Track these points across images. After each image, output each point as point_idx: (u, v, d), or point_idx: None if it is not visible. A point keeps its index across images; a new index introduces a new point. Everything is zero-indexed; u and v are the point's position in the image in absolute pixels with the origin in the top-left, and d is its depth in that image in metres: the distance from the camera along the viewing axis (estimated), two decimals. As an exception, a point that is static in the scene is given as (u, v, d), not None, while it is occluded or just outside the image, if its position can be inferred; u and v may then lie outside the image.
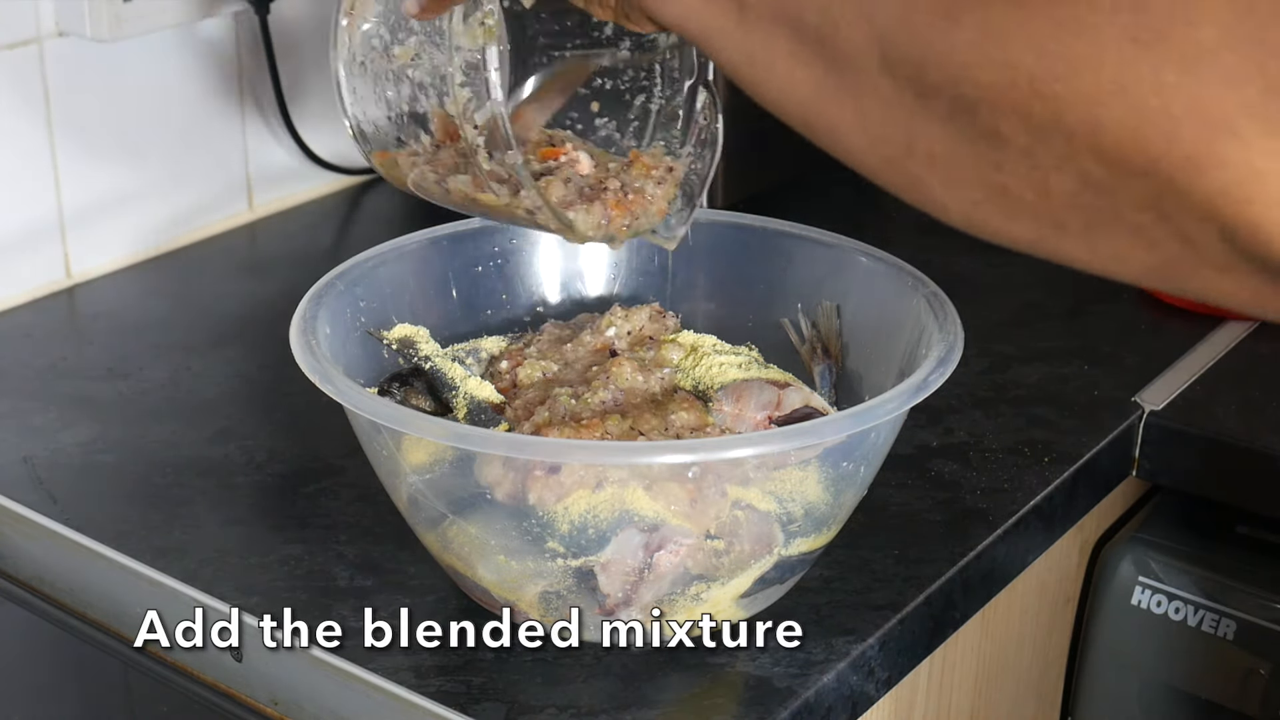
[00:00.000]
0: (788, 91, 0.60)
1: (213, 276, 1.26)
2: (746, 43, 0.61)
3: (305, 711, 0.81)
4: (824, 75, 0.58)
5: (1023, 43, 0.50)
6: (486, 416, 0.84)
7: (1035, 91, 0.50)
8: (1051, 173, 0.50)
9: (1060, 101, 0.49)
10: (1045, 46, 0.49)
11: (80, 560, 0.89)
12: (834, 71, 0.57)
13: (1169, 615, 1.06)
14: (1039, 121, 0.50)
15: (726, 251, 0.96)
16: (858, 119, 0.57)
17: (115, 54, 1.21)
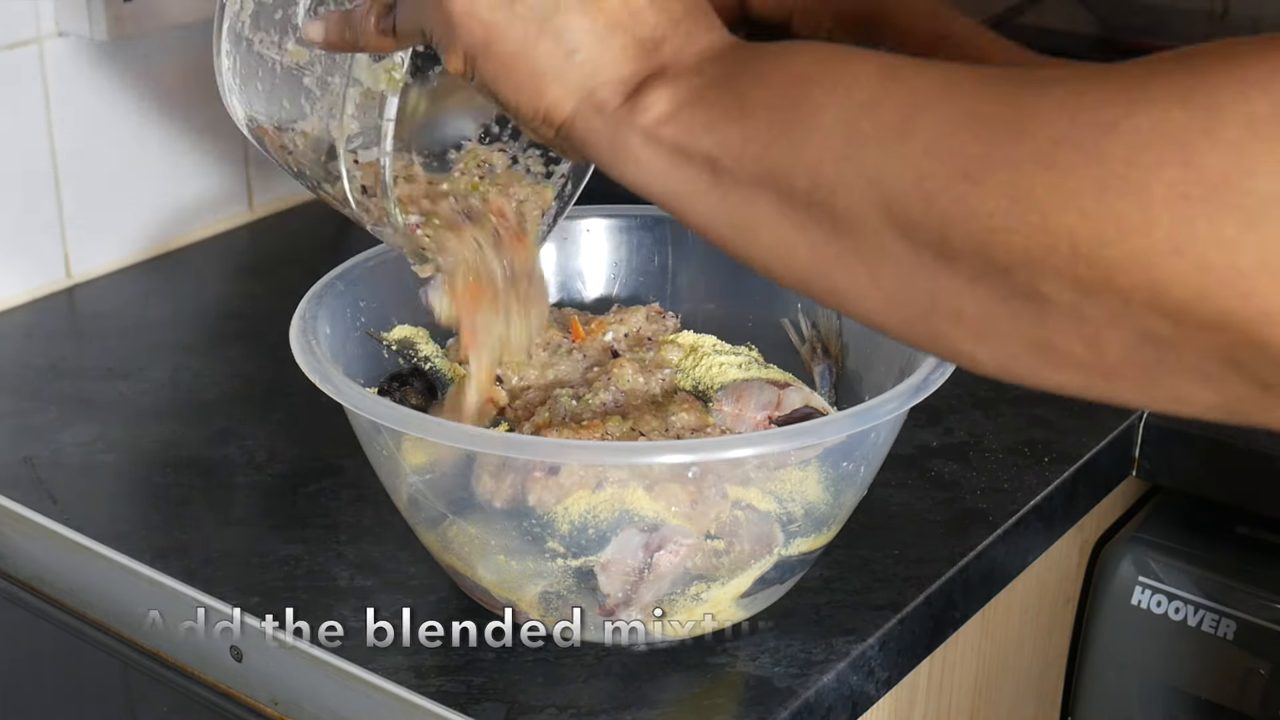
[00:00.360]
0: (779, 255, 0.55)
1: (213, 276, 1.26)
2: (724, 208, 0.56)
3: (305, 711, 0.81)
4: (823, 240, 0.53)
5: (1059, 205, 0.46)
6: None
7: (1079, 254, 0.46)
8: (1105, 329, 0.47)
9: (1110, 264, 0.46)
10: (1086, 208, 0.46)
11: (80, 560, 0.89)
12: (835, 236, 0.53)
13: (1169, 615, 1.06)
14: (1087, 283, 0.47)
15: (727, 251, 0.96)
16: (869, 281, 0.53)
17: (115, 54, 1.21)
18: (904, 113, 0.51)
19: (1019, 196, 0.47)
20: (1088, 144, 0.46)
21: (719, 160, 0.55)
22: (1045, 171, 0.47)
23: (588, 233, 0.96)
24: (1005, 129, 0.48)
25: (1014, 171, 0.47)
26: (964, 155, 0.48)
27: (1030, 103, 0.48)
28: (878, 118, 0.51)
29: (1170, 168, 0.44)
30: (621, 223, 0.97)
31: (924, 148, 0.50)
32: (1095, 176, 0.46)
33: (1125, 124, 0.45)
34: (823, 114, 0.53)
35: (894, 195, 0.50)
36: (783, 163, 0.54)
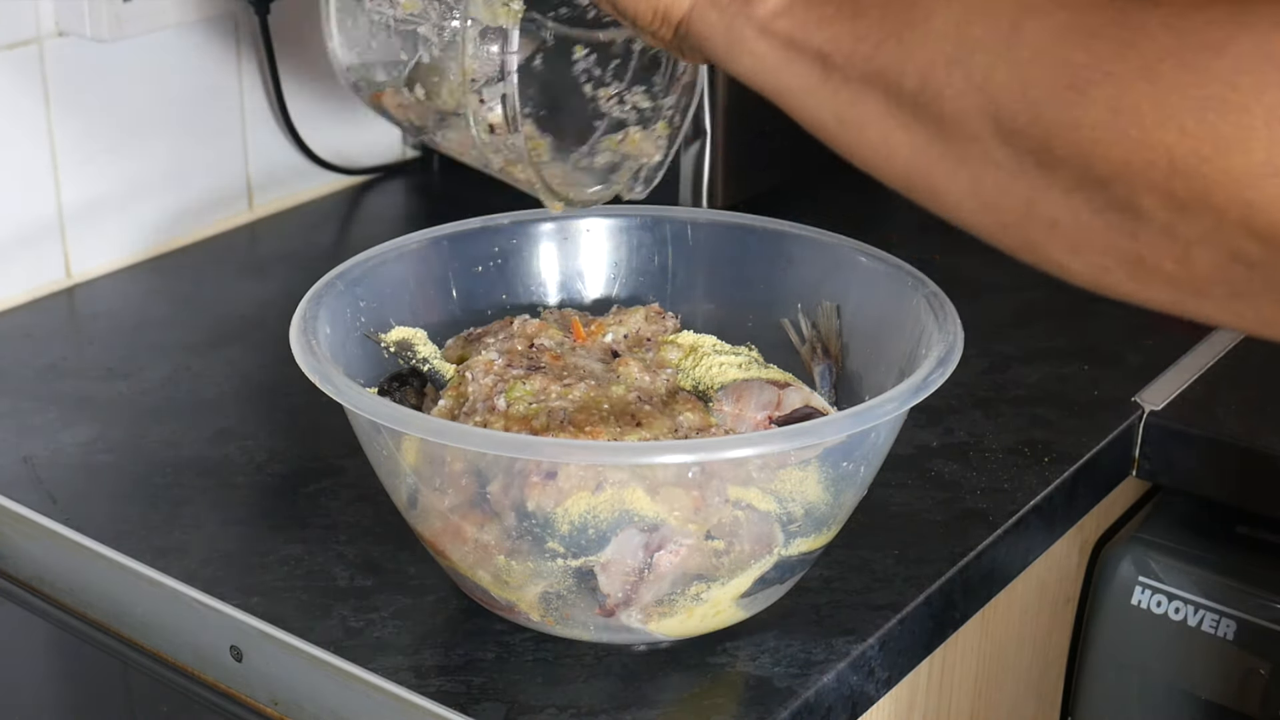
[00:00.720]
0: (883, 153, 0.57)
1: (213, 276, 1.26)
2: (833, 103, 0.58)
3: (305, 711, 0.81)
4: (927, 141, 0.55)
5: (1160, 120, 0.47)
6: None
7: (1177, 170, 0.47)
8: (1195, 246, 0.48)
9: (1208, 181, 0.47)
10: (1186, 125, 0.47)
11: (80, 560, 0.89)
12: (939, 138, 0.54)
13: (1169, 615, 1.06)
14: (1183, 199, 0.48)
15: (726, 251, 0.96)
16: (969, 185, 0.54)
17: (115, 54, 1.21)
18: (1014, 18, 0.51)
19: (1122, 109, 0.48)
20: (1192, 62, 0.47)
21: (830, 56, 0.57)
22: (1149, 86, 0.48)
23: (588, 233, 0.96)
24: (1112, 42, 0.49)
25: (1118, 85, 0.48)
26: (1070, 65, 0.49)
27: (1138, 17, 0.48)
28: (988, 22, 0.52)
29: (1271, 91, 0.45)
30: (621, 223, 0.97)
31: (1031, 55, 0.51)
32: (1197, 95, 0.47)
33: (1230, 46, 0.46)
34: (934, 17, 0.54)
35: (1000, 101, 0.51)
36: (893, 63, 0.55)
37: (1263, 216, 0.46)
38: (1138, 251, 0.50)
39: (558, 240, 0.96)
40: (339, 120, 1.43)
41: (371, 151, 1.46)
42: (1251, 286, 0.48)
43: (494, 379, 0.82)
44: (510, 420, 0.79)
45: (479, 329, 0.91)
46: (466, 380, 0.82)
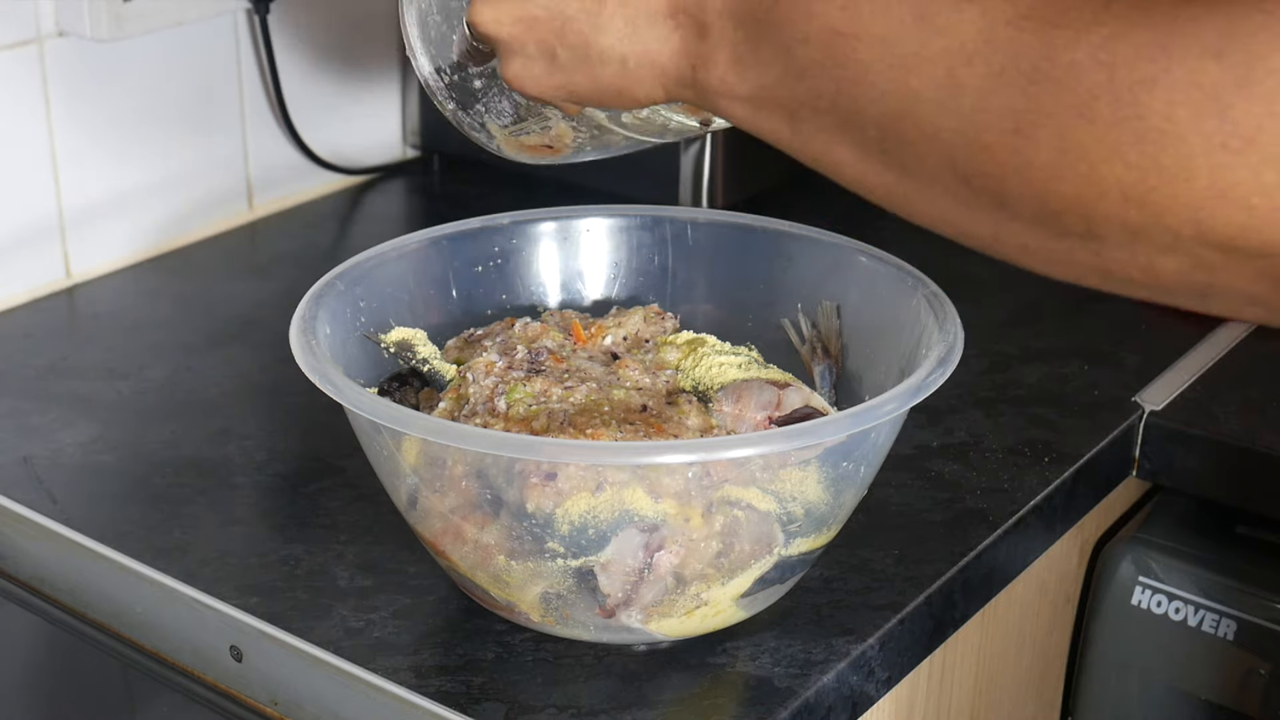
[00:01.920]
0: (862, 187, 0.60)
1: (213, 276, 1.26)
2: (809, 149, 0.60)
3: (305, 711, 0.81)
4: (896, 180, 0.57)
5: (1105, 156, 0.49)
6: None
7: (1128, 199, 0.49)
8: (1157, 259, 0.50)
9: (1158, 207, 0.49)
10: (1129, 159, 0.48)
11: (80, 560, 0.89)
12: (907, 177, 0.57)
13: (1169, 615, 1.06)
14: (1137, 224, 0.50)
15: (726, 251, 0.96)
16: (941, 215, 0.57)
17: (115, 54, 1.21)
18: (948, 66, 0.53)
19: (1066, 149, 0.50)
20: (1125, 99, 0.48)
21: (794, 113, 0.59)
22: (1088, 125, 0.49)
23: (588, 233, 0.96)
24: (1047, 83, 0.50)
25: (1059, 125, 0.50)
26: (1011, 110, 0.51)
27: (1067, 55, 0.50)
28: (923, 73, 0.54)
29: (1207, 120, 0.47)
30: (621, 223, 0.97)
31: (974, 103, 0.52)
32: (1135, 130, 0.48)
33: (1162, 79, 0.47)
34: (871, 72, 0.55)
35: (953, 148, 0.53)
36: (850, 116, 0.57)
37: (1216, 233, 0.48)
38: (1105, 266, 0.52)
39: (558, 240, 0.96)
40: (339, 120, 1.43)
41: (371, 151, 1.46)
42: (1216, 287, 0.50)
43: (495, 380, 0.82)
44: (510, 422, 0.79)
45: (479, 330, 0.91)
46: (467, 381, 0.82)
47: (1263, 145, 0.46)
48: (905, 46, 0.54)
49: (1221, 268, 0.49)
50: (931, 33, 0.53)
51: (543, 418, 0.79)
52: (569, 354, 0.86)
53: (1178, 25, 0.48)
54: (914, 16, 0.54)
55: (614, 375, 0.84)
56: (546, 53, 0.67)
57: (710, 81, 0.62)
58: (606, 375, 0.84)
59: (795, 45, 0.58)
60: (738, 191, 1.32)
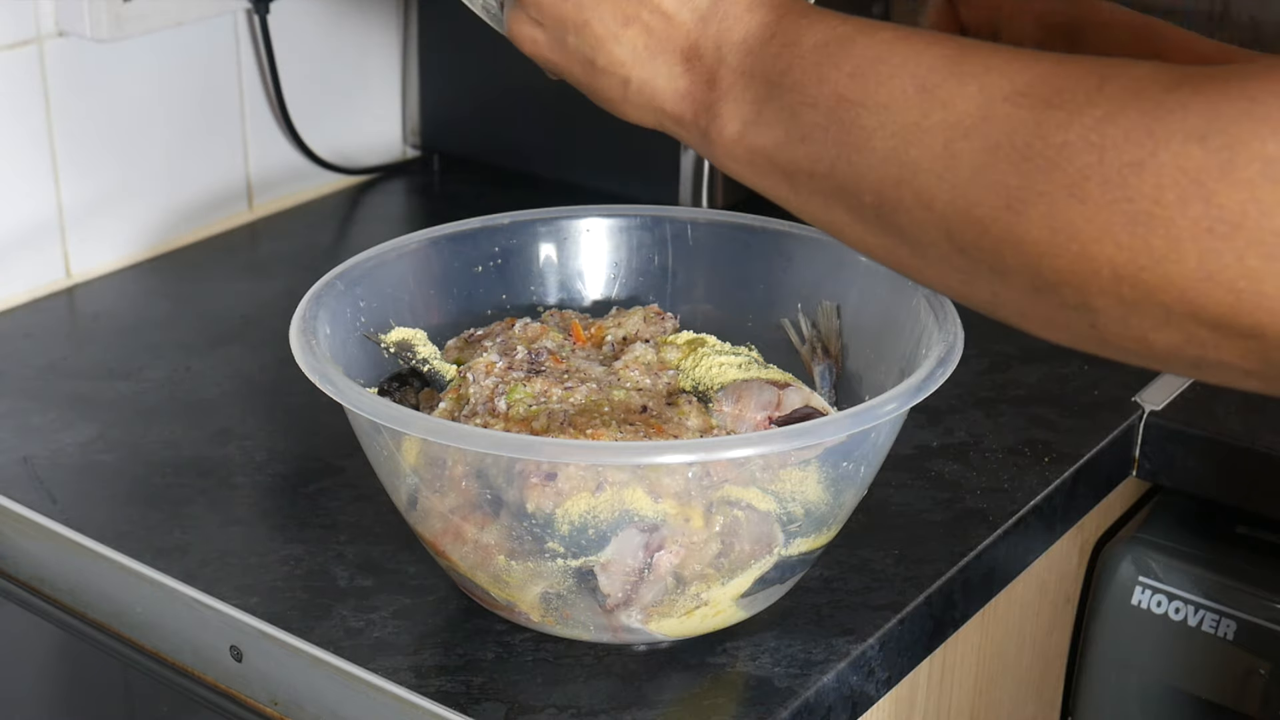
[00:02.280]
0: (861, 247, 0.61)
1: (213, 276, 1.26)
2: (808, 209, 0.61)
3: (305, 711, 0.81)
4: (894, 245, 0.58)
5: (1096, 236, 0.50)
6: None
7: (1121, 277, 0.50)
8: (1151, 332, 0.51)
9: (1150, 286, 0.50)
10: (1120, 239, 0.49)
11: (80, 560, 0.89)
12: (904, 243, 0.58)
13: (1169, 615, 1.06)
14: (1131, 301, 0.51)
15: (726, 251, 0.96)
16: (939, 279, 0.58)
17: (115, 54, 1.21)
18: (946, 139, 0.54)
19: (1058, 227, 0.51)
20: (1115, 180, 0.49)
21: (794, 175, 0.60)
22: (1079, 205, 0.50)
23: (588, 233, 0.96)
24: (1039, 162, 0.51)
25: (1051, 205, 0.51)
26: (1004, 186, 0.52)
27: (1059, 136, 0.51)
28: (922, 144, 0.55)
29: (1193, 205, 0.48)
30: (621, 223, 0.97)
31: (969, 176, 0.53)
32: (1125, 212, 0.49)
33: (1149, 162, 0.48)
34: (873, 139, 0.57)
35: (949, 219, 0.55)
36: (848, 182, 0.58)
37: (1206, 313, 0.49)
38: (1101, 336, 0.53)
39: (558, 240, 0.96)
40: (339, 120, 1.43)
41: (371, 151, 1.46)
42: (1209, 360, 0.51)
43: (495, 380, 0.82)
44: (511, 422, 0.79)
45: (479, 330, 0.91)
46: (467, 381, 0.82)
47: (1247, 230, 0.47)
48: (907, 116, 0.55)
49: (1213, 345, 0.50)
50: (933, 104, 0.55)
51: (543, 418, 0.79)
52: (569, 354, 0.86)
53: (1164, 109, 0.49)
54: (916, 88, 0.56)
55: (614, 376, 0.84)
56: (558, 32, 0.68)
57: (710, 132, 0.63)
58: (606, 376, 0.84)
59: (802, 109, 0.59)
60: (738, 191, 1.32)
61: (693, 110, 0.64)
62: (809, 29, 0.60)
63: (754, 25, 0.62)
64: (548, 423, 0.79)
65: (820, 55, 0.59)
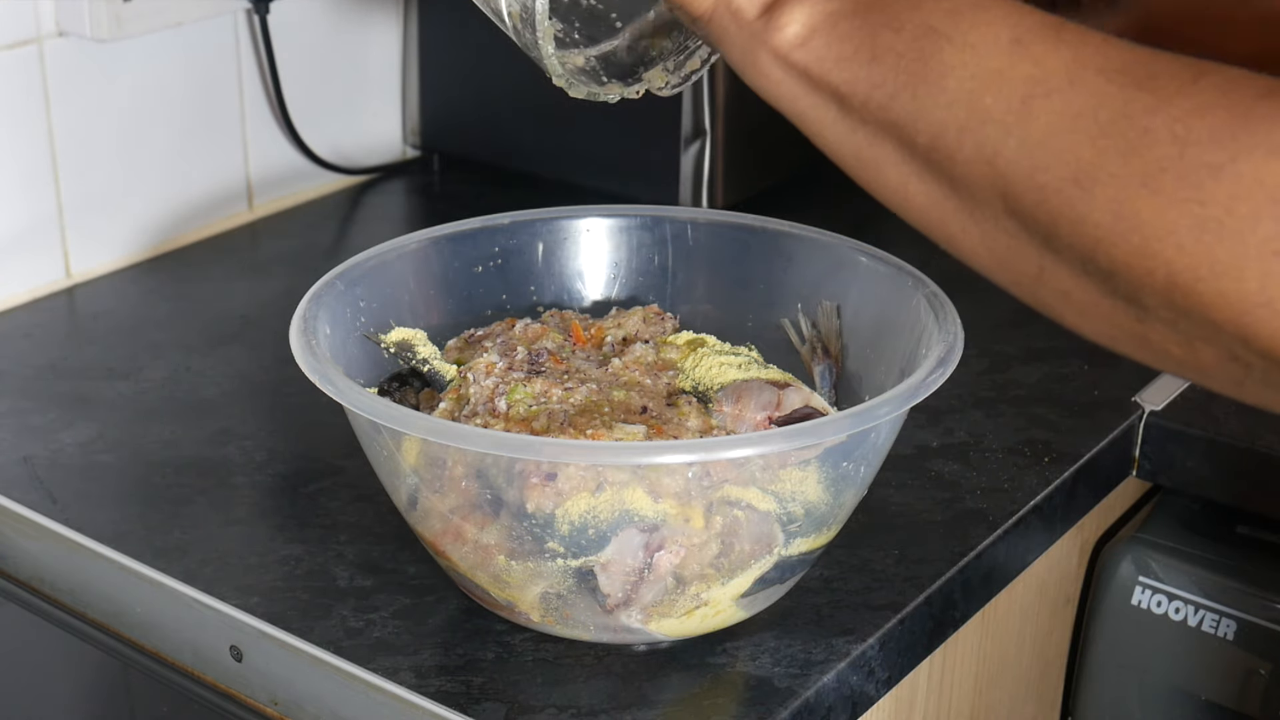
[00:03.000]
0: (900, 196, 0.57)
1: (213, 276, 1.26)
2: (851, 141, 0.57)
3: (305, 711, 0.81)
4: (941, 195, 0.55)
5: (1159, 233, 0.48)
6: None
7: (1175, 284, 0.48)
8: (1198, 341, 0.49)
9: (1204, 299, 0.48)
10: (1184, 243, 0.47)
11: (80, 560, 0.89)
12: (952, 194, 0.55)
13: (1169, 615, 1.06)
14: (1183, 308, 0.49)
15: (726, 251, 0.96)
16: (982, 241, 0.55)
17: (115, 54, 1.21)
18: (1025, 95, 0.52)
19: (1123, 215, 0.49)
20: (1191, 180, 0.47)
21: (847, 98, 0.56)
22: (1150, 197, 0.48)
23: (588, 233, 0.96)
24: (1118, 142, 0.49)
25: (1121, 189, 0.49)
26: (1076, 158, 0.50)
27: (1144, 120, 0.49)
28: (1000, 94, 0.52)
29: (1265, 223, 0.46)
30: (621, 223, 0.97)
31: (1040, 139, 0.51)
32: (1195, 214, 0.47)
33: (1228, 170, 0.46)
34: (949, 77, 0.54)
35: (1008, 179, 0.52)
36: (906, 117, 0.55)
37: (1259, 340, 0.47)
38: (1144, 334, 0.51)
39: (558, 240, 0.96)
40: (339, 120, 1.43)
41: (371, 151, 1.46)
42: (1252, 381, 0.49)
43: (495, 381, 0.82)
44: (511, 422, 0.79)
45: (479, 331, 0.91)
46: (468, 382, 0.82)
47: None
48: (992, 62, 0.53)
49: (1260, 370, 0.48)
50: (1022, 57, 0.52)
51: (543, 418, 0.79)
52: (569, 355, 0.86)
53: (1255, 116, 0.47)
54: (1010, 38, 0.53)
55: (614, 376, 0.84)
56: None
57: (765, 31, 0.58)
58: (606, 376, 0.84)
59: (883, 29, 0.56)
60: (738, 191, 1.32)
61: (757, 7, 0.59)
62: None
63: None
64: (548, 423, 0.79)
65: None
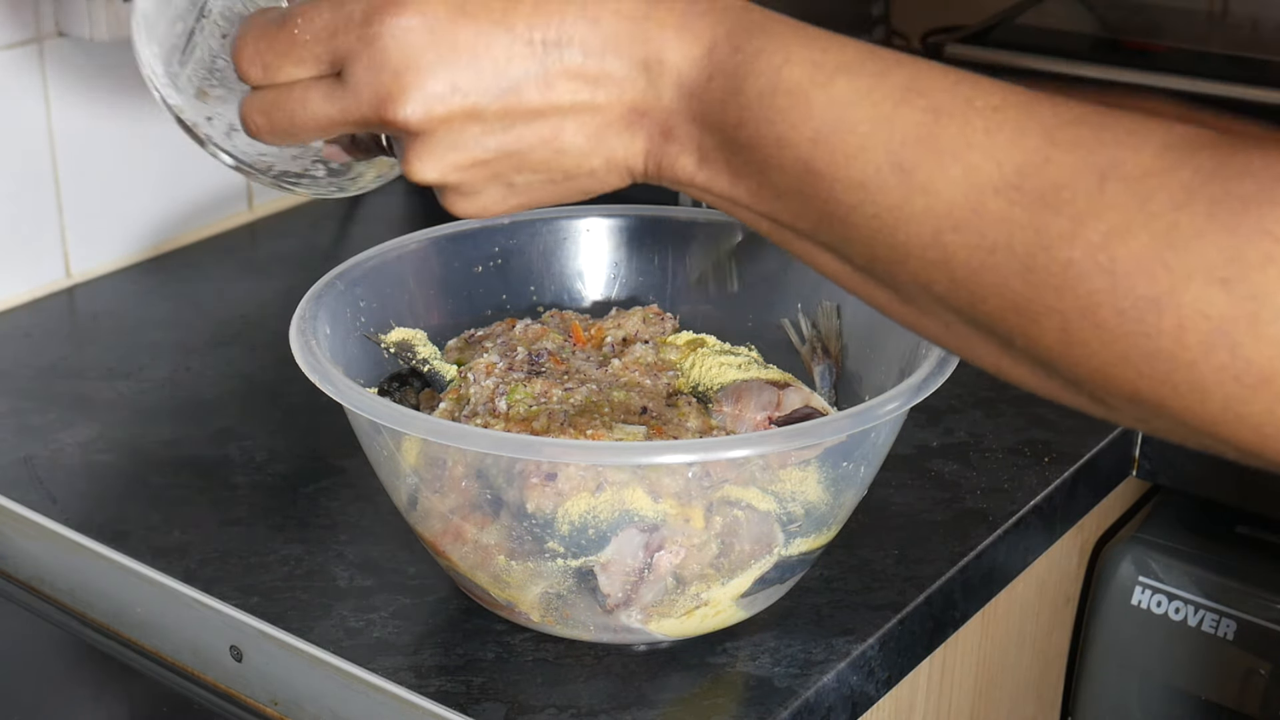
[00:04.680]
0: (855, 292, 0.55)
1: (213, 276, 1.26)
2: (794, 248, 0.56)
3: (305, 711, 0.81)
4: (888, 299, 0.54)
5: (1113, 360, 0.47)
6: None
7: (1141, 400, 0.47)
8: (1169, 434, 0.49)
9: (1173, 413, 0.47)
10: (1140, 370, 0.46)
11: (80, 560, 0.89)
12: (900, 301, 0.53)
13: (1169, 615, 1.06)
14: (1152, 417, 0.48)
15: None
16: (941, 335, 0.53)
17: (115, 54, 1.21)
18: (935, 229, 0.49)
19: (1073, 343, 0.47)
20: (1131, 314, 0.46)
21: (775, 222, 0.55)
22: (1095, 329, 0.46)
23: (588, 233, 0.96)
24: (1044, 276, 0.47)
25: (1064, 321, 0.47)
26: (1011, 290, 0.48)
27: (1064, 251, 0.47)
28: (910, 231, 0.50)
29: (1218, 354, 0.45)
30: (621, 223, 0.97)
31: (966, 275, 0.49)
32: (1145, 347, 0.46)
33: (1168, 301, 0.45)
34: (854, 215, 0.51)
35: (951, 304, 0.50)
36: (835, 245, 0.53)
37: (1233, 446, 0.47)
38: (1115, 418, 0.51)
39: (557, 240, 0.96)
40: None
41: (371, 151, 1.46)
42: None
43: (495, 381, 0.82)
44: (511, 422, 0.79)
45: (479, 331, 0.91)
46: (468, 382, 0.82)
47: (1277, 385, 0.44)
48: (888, 198, 0.50)
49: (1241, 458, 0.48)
50: (912, 189, 0.49)
51: (543, 418, 0.79)
52: (569, 355, 0.87)
53: (1179, 238, 0.45)
54: (892, 166, 0.50)
55: (614, 377, 0.84)
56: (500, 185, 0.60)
57: (680, 177, 0.57)
58: (607, 376, 0.84)
59: (769, 169, 0.53)
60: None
61: (656, 162, 0.57)
62: (750, 68, 0.53)
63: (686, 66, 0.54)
64: (548, 423, 0.79)
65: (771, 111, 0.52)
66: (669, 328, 0.91)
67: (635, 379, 0.84)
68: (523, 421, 0.79)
